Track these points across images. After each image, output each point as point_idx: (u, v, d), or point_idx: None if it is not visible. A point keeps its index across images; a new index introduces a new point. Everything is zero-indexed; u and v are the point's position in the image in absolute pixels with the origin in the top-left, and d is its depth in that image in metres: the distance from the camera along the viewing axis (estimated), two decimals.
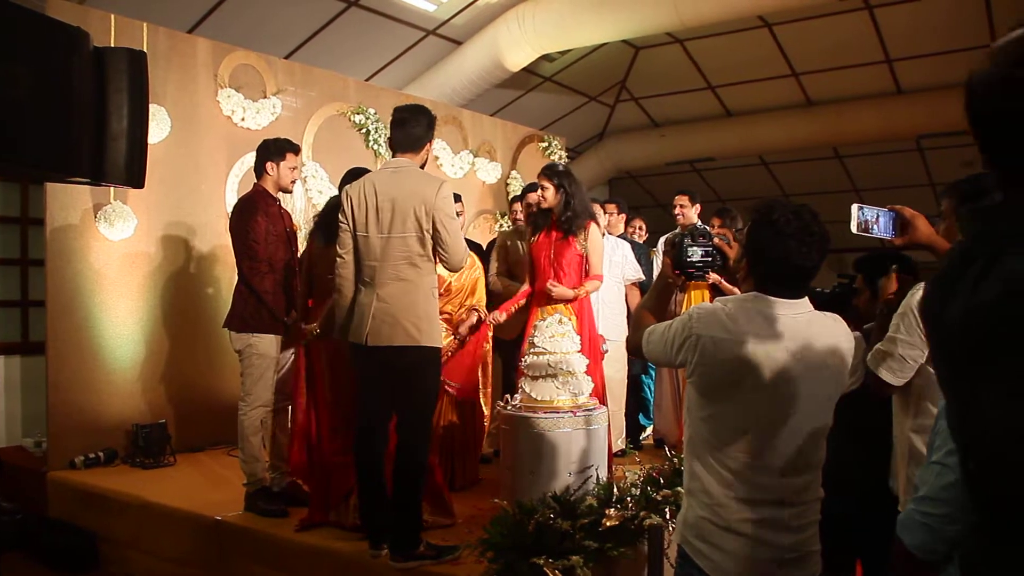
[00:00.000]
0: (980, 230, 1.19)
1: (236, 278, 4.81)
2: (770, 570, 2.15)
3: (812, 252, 2.17)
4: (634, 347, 2.48)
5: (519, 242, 5.61)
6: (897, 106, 11.24)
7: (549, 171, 4.85)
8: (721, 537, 2.16)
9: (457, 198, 5.81)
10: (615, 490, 3.95)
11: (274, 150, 4.74)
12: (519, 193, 5.62)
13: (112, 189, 5.77)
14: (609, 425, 4.69)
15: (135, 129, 3.50)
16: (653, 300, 2.56)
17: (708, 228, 2.58)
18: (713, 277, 5.50)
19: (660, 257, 6.50)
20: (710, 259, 2.49)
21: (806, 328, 2.20)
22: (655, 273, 6.44)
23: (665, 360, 2.34)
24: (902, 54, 10.40)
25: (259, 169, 4.76)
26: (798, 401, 2.16)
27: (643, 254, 6.53)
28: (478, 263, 5.38)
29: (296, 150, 4.81)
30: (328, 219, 4.31)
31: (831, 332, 2.26)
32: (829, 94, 11.56)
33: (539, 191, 4.83)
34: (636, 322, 2.50)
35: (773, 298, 2.20)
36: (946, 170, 12.40)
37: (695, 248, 2.48)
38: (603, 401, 4.68)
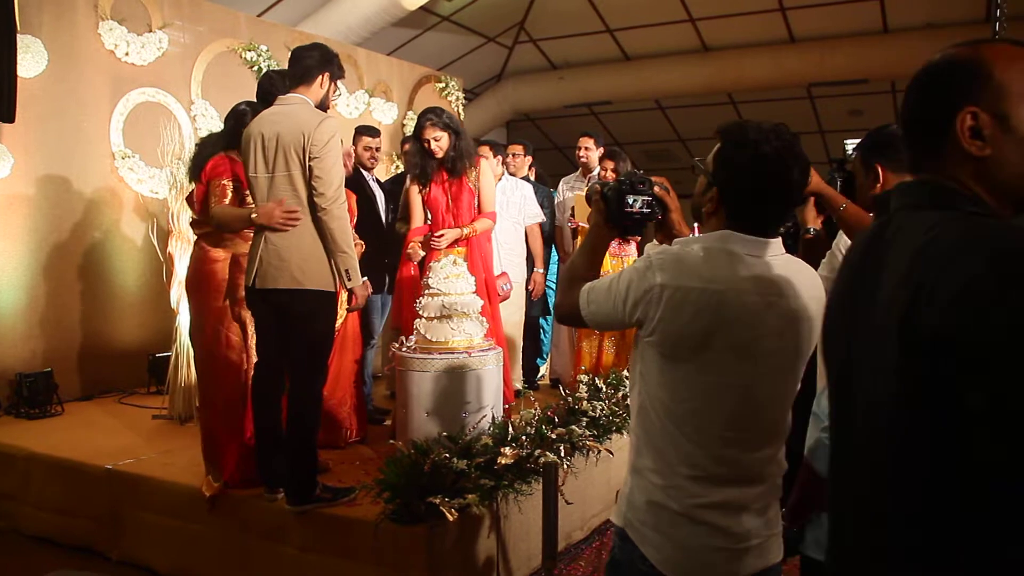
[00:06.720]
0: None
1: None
2: (728, 561, 1.85)
3: (797, 178, 1.84)
4: (568, 311, 2.05)
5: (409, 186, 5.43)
6: (789, 54, 11.49)
7: (439, 120, 4.72)
8: (675, 525, 1.85)
9: (376, 133, 5.70)
10: (510, 429, 4.01)
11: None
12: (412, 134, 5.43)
13: None
14: (506, 365, 4.74)
15: (2, 60, 3.30)
16: (587, 258, 2.13)
17: (647, 175, 2.11)
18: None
19: (561, 197, 6.47)
20: (650, 210, 2.08)
21: (783, 273, 1.88)
22: (558, 215, 6.41)
23: (616, 320, 1.95)
24: (795, 3, 10.61)
25: None
26: (774, 359, 1.87)
27: (545, 196, 6.44)
28: None
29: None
30: (196, 159, 4.37)
31: (807, 278, 1.94)
32: (724, 41, 11.74)
33: (433, 143, 4.73)
34: (567, 283, 2.08)
35: (747, 236, 1.86)
36: (835, 117, 12.81)
37: (635, 198, 2.06)
38: (499, 342, 4.72)
